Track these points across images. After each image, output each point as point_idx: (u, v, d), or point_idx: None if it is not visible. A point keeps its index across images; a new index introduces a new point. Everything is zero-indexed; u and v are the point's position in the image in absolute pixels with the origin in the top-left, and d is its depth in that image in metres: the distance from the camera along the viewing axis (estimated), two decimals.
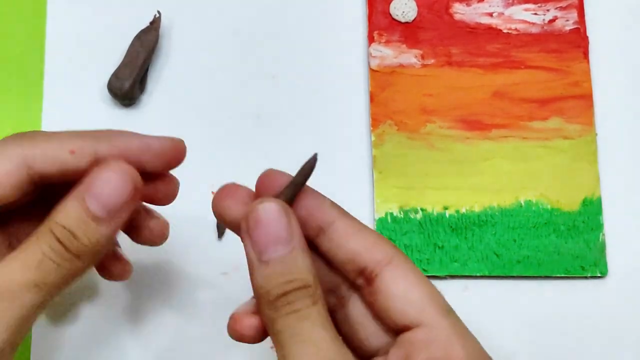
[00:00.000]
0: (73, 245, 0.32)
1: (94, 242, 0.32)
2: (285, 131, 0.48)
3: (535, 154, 0.48)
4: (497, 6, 0.50)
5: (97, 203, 0.32)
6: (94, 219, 0.32)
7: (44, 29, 0.50)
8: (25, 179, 0.33)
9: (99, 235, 0.32)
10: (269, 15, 0.50)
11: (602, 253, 0.46)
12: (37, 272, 0.31)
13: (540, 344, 0.46)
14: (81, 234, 0.32)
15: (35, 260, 0.32)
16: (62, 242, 0.32)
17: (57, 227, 0.32)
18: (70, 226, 0.32)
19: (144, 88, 0.49)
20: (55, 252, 0.32)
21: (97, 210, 0.32)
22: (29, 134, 0.34)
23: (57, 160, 0.33)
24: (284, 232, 0.31)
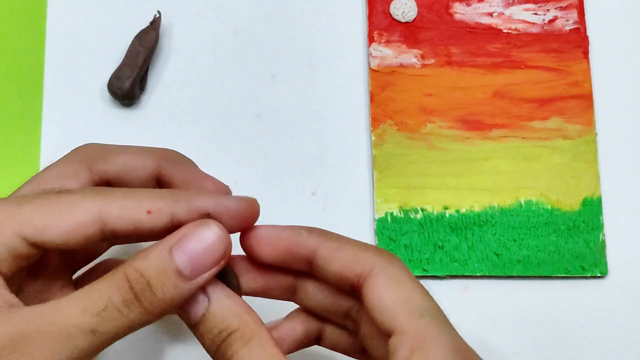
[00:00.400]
0: (145, 297, 0.30)
1: (168, 298, 0.30)
2: (285, 131, 0.49)
3: (536, 153, 0.48)
4: (497, 6, 0.50)
5: (185, 258, 0.30)
6: (177, 273, 0.30)
7: (44, 28, 0.50)
8: (97, 233, 0.32)
9: (177, 292, 0.30)
10: (269, 15, 0.50)
11: (602, 253, 0.46)
12: (97, 319, 0.29)
13: (540, 344, 0.46)
14: (158, 286, 0.30)
15: (100, 306, 0.30)
16: (134, 290, 0.30)
17: (133, 272, 0.30)
18: (149, 275, 0.30)
19: (144, 88, 0.49)
20: (123, 301, 0.30)
21: (183, 265, 0.30)
22: (106, 189, 0.33)
23: (133, 220, 0.32)
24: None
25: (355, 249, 0.33)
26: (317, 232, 0.34)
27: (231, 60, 0.50)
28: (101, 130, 0.48)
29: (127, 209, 0.32)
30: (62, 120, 0.48)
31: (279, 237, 0.34)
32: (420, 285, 0.33)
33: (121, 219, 0.31)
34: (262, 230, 0.34)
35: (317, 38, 0.50)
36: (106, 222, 0.31)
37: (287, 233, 0.34)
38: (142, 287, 0.30)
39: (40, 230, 0.31)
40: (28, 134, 0.48)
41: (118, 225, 0.32)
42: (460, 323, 0.46)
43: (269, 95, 0.49)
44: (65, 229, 0.31)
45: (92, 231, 0.31)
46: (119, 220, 0.31)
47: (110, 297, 0.30)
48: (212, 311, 0.31)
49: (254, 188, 0.47)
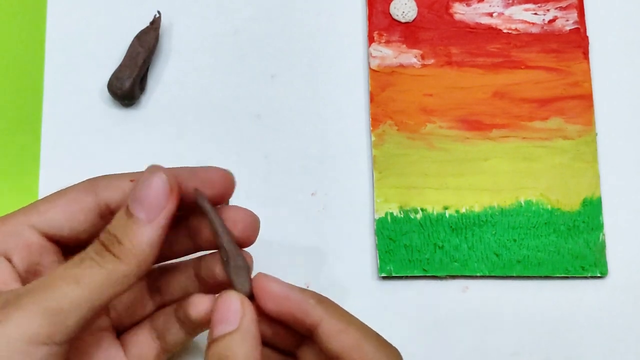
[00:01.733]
0: (114, 247, 0.33)
1: (135, 244, 0.33)
2: (285, 131, 0.49)
3: (536, 154, 0.48)
4: (497, 6, 0.50)
5: (137, 205, 0.34)
6: (135, 222, 0.34)
7: (44, 28, 0.50)
8: (93, 205, 0.36)
9: (141, 237, 0.34)
10: (269, 15, 0.50)
11: (602, 253, 0.46)
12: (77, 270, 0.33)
13: (540, 344, 0.46)
14: (124, 237, 0.33)
15: (78, 260, 0.33)
16: (104, 244, 0.34)
17: (104, 234, 0.34)
18: (114, 231, 0.34)
19: (144, 88, 0.49)
20: (96, 252, 0.33)
21: (137, 211, 0.34)
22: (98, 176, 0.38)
23: (119, 188, 0.36)
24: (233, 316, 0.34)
25: (358, 335, 0.35)
26: (325, 304, 0.36)
27: (231, 60, 0.50)
28: (101, 131, 0.48)
29: (113, 179, 0.37)
30: (62, 120, 0.48)
31: (287, 297, 0.35)
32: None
33: (109, 188, 0.36)
34: (273, 285, 0.36)
35: (317, 38, 0.50)
36: (97, 193, 0.36)
37: (295, 296, 0.35)
38: (111, 240, 0.34)
39: (44, 213, 0.36)
40: (28, 134, 0.48)
41: (109, 195, 0.36)
42: (460, 323, 0.46)
43: (269, 95, 0.49)
44: (65, 204, 0.36)
45: (87, 202, 0.36)
46: (108, 191, 0.36)
47: (87, 253, 0.34)
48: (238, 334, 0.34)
49: (254, 188, 0.47)
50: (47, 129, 0.48)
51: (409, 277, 0.46)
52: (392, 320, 0.46)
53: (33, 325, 0.31)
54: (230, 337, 0.34)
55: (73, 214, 0.36)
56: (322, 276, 0.46)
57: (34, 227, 0.36)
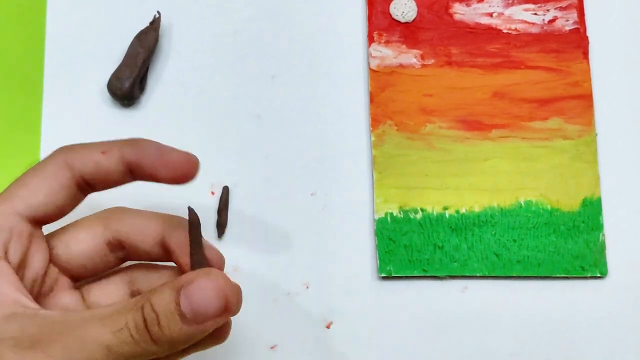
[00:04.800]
0: (153, 329, 0.33)
1: (173, 336, 0.33)
2: (285, 131, 0.49)
3: (535, 154, 0.48)
4: (496, 6, 0.50)
5: (188, 303, 0.33)
6: (181, 316, 0.33)
7: (44, 28, 0.50)
8: (69, 178, 0.37)
9: (180, 332, 0.33)
10: (269, 15, 0.50)
11: (602, 253, 0.46)
12: (113, 337, 0.32)
13: (540, 344, 0.46)
14: (165, 323, 0.33)
15: (118, 325, 0.32)
16: (146, 321, 0.33)
17: (147, 305, 0.33)
18: (158, 312, 0.33)
19: (143, 88, 0.49)
20: (136, 329, 0.32)
21: (186, 310, 0.33)
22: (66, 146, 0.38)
23: (92, 160, 0.37)
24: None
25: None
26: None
27: (231, 60, 0.50)
28: (101, 131, 0.48)
29: (86, 151, 0.37)
30: (62, 120, 0.48)
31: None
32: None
33: (83, 161, 0.37)
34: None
35: (317, 38, 0.50)
36: (72, 166, 0.37)
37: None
38: (152, 320, 0.33)
39: (28, 199, 0.36)
40: (28, 134, 0.48)
41: (82, 167, 0.37)
42: (460, 323, 0.46)
43: (269, 95, 0.49)
44: (44, 185, 0.36)
45: (67, 180, 0.37)
46: (82, 164, 0.37)
47: (127, 321, 0.33)
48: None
49: (254, 188, 0.47)
50: (47, 129, 0.48)
51: (409, 277, 0.46)
52: (391, 321, 0.46)
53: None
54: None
55: (54, 193, 0.36)
56: (322, 276, 0.46)
57: (21, 215, 0.36)
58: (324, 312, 0.46)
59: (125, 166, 0.37)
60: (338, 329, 0.46)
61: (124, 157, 0.37)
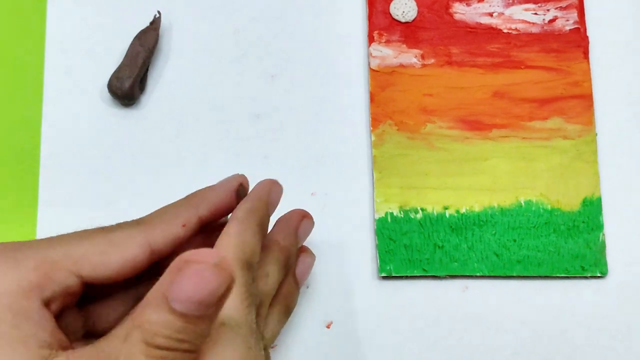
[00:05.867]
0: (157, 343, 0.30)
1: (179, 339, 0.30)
2: (285, 131, 0.49)
3: (535, 153, 0.48)
4: (497, 6, 0.50)
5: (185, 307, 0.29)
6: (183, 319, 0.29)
7: (44, 29, 0.50)
8: (146, 260, 0.35)
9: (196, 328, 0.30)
10: (269, 15, 0.50)
11: (602, 253, 0.46)
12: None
13: (540, 344, 0.46)
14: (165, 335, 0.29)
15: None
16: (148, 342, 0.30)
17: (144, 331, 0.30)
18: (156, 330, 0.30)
19: (144, 88, 0.49)
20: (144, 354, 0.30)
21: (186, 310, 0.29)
22: (145, 218, 0.36)
23: (174, 237, 0.36)
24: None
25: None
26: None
27: (231, 60, 0.50)
28: (101, 131, 0.48)
29: (168, 231, 0.35)
30: (62, 120, 0.48)
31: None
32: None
33: (165, 240, 0.35)
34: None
35: (317, 38, 0.50)
36: (154, 248, 0.35)
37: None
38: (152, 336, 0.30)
39: (96, 267, 0.33)
40: (28, 134, 0.48)
41: (163, 246, 0.35)
42: (460, 323, 0.46)
43: (269, 95, 0.49)
44: (120, 263, 0.34)
45: (142, 259, 0.34)
46: (163, 243, 0.35)
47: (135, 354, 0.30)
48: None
49: None
50: (47, 129, 0.48)
51: (409, 277, 0.46)
52: (392, 320, 0.46)
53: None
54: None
55: (126, 271, 0.34)
56: (322, 276, 0.46)
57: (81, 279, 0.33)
58: (324, 312, 0.46)
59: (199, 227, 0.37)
60: (338, 329, 0.46)
61: (200, 220, 0.37)
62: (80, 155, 0.48)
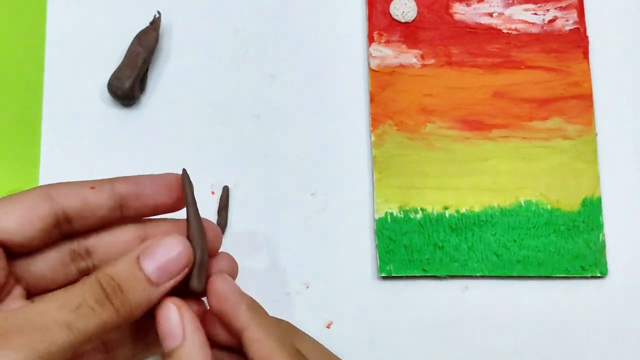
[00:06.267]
0: (116, 298, 0.33)
1: (137, 301, 0.33)
2: (285, 131, 0.49)
3: (535, 154, 0.48)
4: (497, 6, 0.50)
5: (153, 265, 0.34)
6: (145, 279, 0.33)
7: (44, 29, 0.50)
8: (50, 214, 0.35)
9: (145, 295, 0.33)
10: (269, 15, 0.50)
11: (602, 253, 0.46)
12: (73, 315, 0.32)
13: (540, 344, 0.46)
14: (129, 289, 0.33)
15: (75, 302, 0.32)
16: (106, 292, 0.33)
17: (105, 277, 0.33)
18: (119, 280, 0.33)
19: (144, 88, 0.49)
20: (96, 300, 0.32)
21: (151, 271, 0.33)
22: (53, 183, 0.36)
23: (79, 195, 0.35)
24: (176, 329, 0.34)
25: (273, 346, 0.35)
26: (255, 311, 0.35)
27: (231, 60, 0.50)
28: (101, 131, 0.48)
29: (72, 186, 0.36)
30: (62, 120, 0.48)
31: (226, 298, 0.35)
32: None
33: (69, 195, 0.35)
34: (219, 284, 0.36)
35: (317, 38, 0.50)
36: (56, 200, 0.35)
37: (232, 298, 0.35)
38: (114, 290, 0.33)
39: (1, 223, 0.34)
40: (28, 134, 0.48)
41: (67, 202, 0.35)
42: (460, 323, 0.46)
43: (269, 95, 0.49)
44: (21, 210, 0.34)
45: (46, 211, 0.35)
46: (67, 198, 0.35)
47: (85, 297, 0.32)
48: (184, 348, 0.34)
49: (255, 188, 0.47)
50: (47, 129, 0.48)
51: (409, 277, 0.46)
52: (392, 320, 0.46)
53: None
54: (179, 351, 0.34)
55: (28, 221, 0.35)
56: (322, 276, 0.46)
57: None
58: (324, 312, 0.46)
59: (116, 201, 0.36)
60: (338, 329, 0.46)
61: (115, 192, 0.36)
62: (81, 155, 0.48)
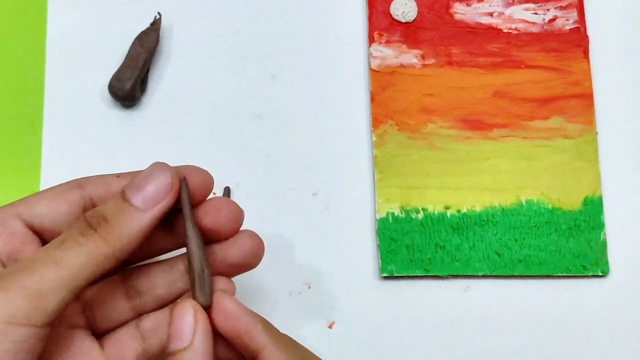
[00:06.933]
0: (101, 227, 0.33)
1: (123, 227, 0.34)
2: (286, 131, 0.49)
3: (536, 153, 0.48)
4: (497, 6, 0.50)
5: (135, 191, 0.34)
6: (129, 206, 0.34)
7: (45, 30, 0.50)
8: (77, 199, 0.36)
9: (132, 221, 0.34)
10: (269, 15, 0.50)
11: (604, 252, 0.46)
12: (58, 251, 0.32)
13: (541, 343, 0.46)
14: (113, 219, 0.34)
15: (59, 240, 0.33)
16: (90, 223, 0.33)
17: (90, 213, 0.34)
18: (104, 212, 0.34)
19: (144, 89, 0.49)
20: (80, 233, 0.33)
21: (134, 198, 0.34)
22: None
23: (105, 184, 0.37)
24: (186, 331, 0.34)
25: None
26: (271, 332, 0.35)
27: (231, 60, 0.50)
28: (102, 132, 0.48)
29: (101, 176, 0.37)
30: (63, 121, 0.48)
31: (238, 318, 0.35)
32: None
33: (96, 184, 0.37)
34: (228, 303, 0.35)
35: (318, 38, 0.50)
36: (83, 187, 0.37)
37: (245, 318, 0.35)
38: (97, 220, 0.34)
39: (31, 205, 0.36)
40: (29, 135, 0.48)
41: (95, 190, 0.37)
42: (462, 323, 0.46)
43: (270, 95, 0.49)
44: (51, 196, 0.36)
45: (74, 197, 0.36)
46: (94, 186, 0.37)
47: (70, 232, 0.33)
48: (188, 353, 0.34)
49: (255, 188, 0.47)
50: (48, 130, 0.48)
51: (411, 277, 0.46)
52: (393, 320, 0.46)
53: (12, 306, 0.31)
54: (182, 354, 0.33)
55: (57, 205, 0.36)
56: (324, 276, 0.46)
57: (19, 217, 0.36)
58: (325, 312, 0.46)
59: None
60: (340, 329, 0.46)
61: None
62: (82, 156, 0.48)
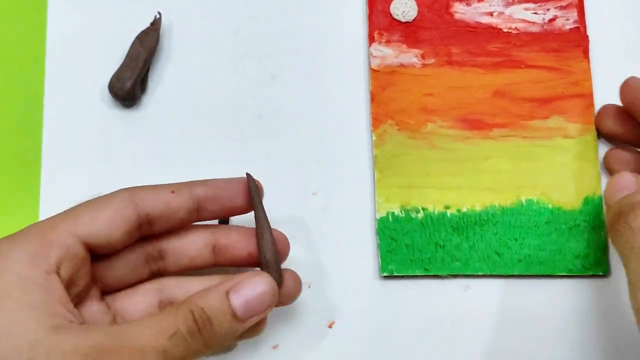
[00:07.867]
0: (206, 330, 0.36)
1: (223, 335, 0.36)
2: (286, 131, 0.49)
3: (536, 153, 0.48)
4: (497, 5, 0.50)
5: (240, 302, 0.36)
6: (233, 315, 0.36)
7: (45, 29, 0.50)
8: (133, 217, 0.38)
9: (232, 330, 0.36)
10: (269, 15, 0.50)
11: (604, 252, 0.46)
12: (168, 342, 0.35)
13: (541, 343, 0.46)
14: (217, 323, 0.36)
15: (170, 330, 0.35)
16: (198, 324, 0.35)
17: (197, 309, 0.36)
18: (210, 313, 0.36)
19: (144, 89, 0.49)
20: (189, 330, 0.35)
21: (238, 308, 0.36)
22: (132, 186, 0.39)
23: (161, 199, 0.39)
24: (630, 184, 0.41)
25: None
26: None
27: (231, 60, 0.50)
28: (102, 132, 0.48)
29: (154, 190, 0.39)
30: (63, 121, 0.48)
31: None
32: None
33: (152, 200, 0.38)
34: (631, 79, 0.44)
35: (318, 38, 0.50)
36: (139, 204, 0.38)
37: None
38: (204, 322, 0.35)
39: (89, 225, 0.37)
40: (29, 135, 0.48)
41: (150, 206, 0.38)
42: (462, 322, 0.46)
43: (270, 95, 0.49)
44: (108, 215, 0.37)
45: (130, 215, 0.38)
46: (150, 201, 0.38)
47: (179, 326, 0.35)
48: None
49: None
50: (48, 130, 0.48)
51: (411, 277, 0.46)
52: (393, 320, 0.46)
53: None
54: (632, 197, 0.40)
55: (115, 224, 0.37)
56: (324, 276, 0.46)
57: (79, 238, 0.37)
58: (325, 311, 0.46)
59: (194, 204, 0.39)
60: (340, 329, 0.46)
61: (194, 195, 0.39)
62: (81, 156, 0.48)
